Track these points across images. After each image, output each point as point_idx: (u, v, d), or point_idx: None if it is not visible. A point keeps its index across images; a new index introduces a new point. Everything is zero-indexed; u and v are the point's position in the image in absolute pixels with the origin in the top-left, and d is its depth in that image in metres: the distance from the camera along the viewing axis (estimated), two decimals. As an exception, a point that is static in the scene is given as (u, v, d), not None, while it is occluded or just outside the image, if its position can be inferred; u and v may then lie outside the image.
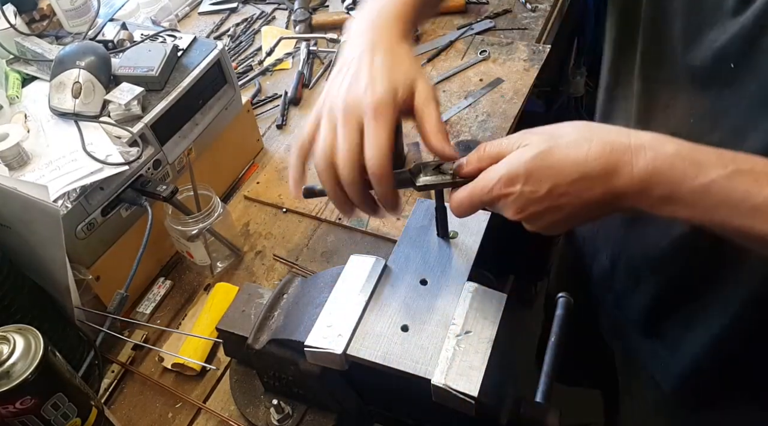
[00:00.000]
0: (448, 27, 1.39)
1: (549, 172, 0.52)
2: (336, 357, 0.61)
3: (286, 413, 0.75)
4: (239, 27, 1.48)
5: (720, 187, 0.48)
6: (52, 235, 0.72)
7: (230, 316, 0.75)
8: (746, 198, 0.47)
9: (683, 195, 0.49)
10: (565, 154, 0.52)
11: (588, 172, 0.51)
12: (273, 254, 1.00)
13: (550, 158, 0.52)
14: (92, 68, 0.89)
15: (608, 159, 0.51)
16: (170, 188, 0.87)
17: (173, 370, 0.87)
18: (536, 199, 0.53)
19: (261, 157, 1.17)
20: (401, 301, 0.65)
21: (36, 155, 0.85)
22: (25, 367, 0.61)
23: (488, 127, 1.14)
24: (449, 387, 0.57)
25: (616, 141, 0.51)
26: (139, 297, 0.96)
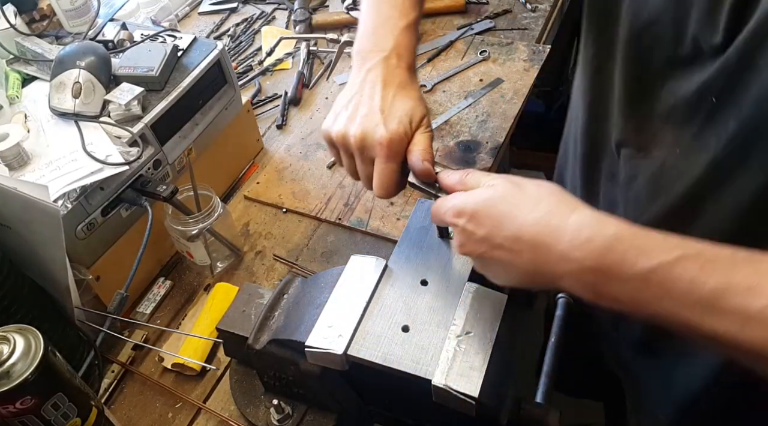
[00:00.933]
0: (448, 27, 1.39)
1: (489, 221, 0.53)
2: (336, 357, 0.61)
3: (286, 413, 0.75)
4: (239, 27, 1.48)
5: (662, 276, 0.44)
6: (53, 235, 0.72)
7: (230, 316, 0.75)
8: (691, 289, 0.43)
9: (622, 282, 0.46)
10: (509, 210, 0.53)
11: (520, 236, 0.51)
12: (273, 254, 1.00)
13: (495, 207, 0.53)
14: (92, 68, 0.89)
15: (542, 230, 0.50)
16: (170, 188, 0.87)
17: (173, 370, 0.87)
18: (475, 239, 0.55)
19: (261, 157, 1.17)
20: (402, 302, 0.65)
21: (36, 155, 0.85)
22: (25, 367, 0.61)
23: (488, 127, 1.14)
24: (450, 387, 0.57)
25: (556, 214, 0.50)
26: (139, 297, 0.96)
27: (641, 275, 0.45)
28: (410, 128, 0.64)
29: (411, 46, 0.70)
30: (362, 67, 0.68)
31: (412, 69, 0.70)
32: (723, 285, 0.42)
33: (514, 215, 0.52)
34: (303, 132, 1.20)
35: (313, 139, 1.18)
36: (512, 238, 0.51)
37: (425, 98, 1.21)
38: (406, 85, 0.67)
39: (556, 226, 0.49)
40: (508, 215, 0.52)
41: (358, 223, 1.02)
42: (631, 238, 0.47)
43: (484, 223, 0.53)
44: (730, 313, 0.42)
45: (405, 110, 0.64)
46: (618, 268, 0.46)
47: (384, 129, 0.63)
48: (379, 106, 0.64)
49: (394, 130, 0.63)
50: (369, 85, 0.67)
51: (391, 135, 0.62)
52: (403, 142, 0.63)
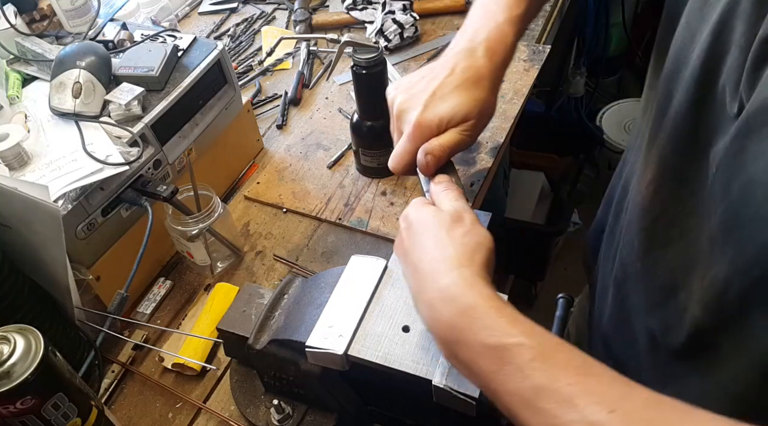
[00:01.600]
0: (448, 27, 1.39)
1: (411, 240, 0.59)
2: (337, 357, 0.61)
3: (287, 413, 0.75)
4: (239, 27, 1.48)
5: (499, 355, 0.47)
6: (53, 235, 0.72)
7: (230, 316, 0.75)
8: (516, 377, 0.45)
9: (468, 347, 0.49)
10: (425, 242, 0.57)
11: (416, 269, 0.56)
12: (273, 254, 1.00)
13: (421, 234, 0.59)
14: (92, 68, 0.89)
15: (426, 274, 0.55)
16: (170, 188, 0.87)
17: (173, 370, 0.87)
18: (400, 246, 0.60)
19: (261, 157, 1.17)
20: (402, 302, 0.65)
21: (36, 155, 0.85)
22: (25, 367, 0.61)
23: (488, 126, 1.14)
24: (450, 388, 0.57)
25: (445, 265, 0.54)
26: (139, 297, 0.96)
27: (481, 346, 0.48)
28: (445, 122, 0.64)
29: (506, 41, 0.69)
30: (451, 50, 0.70)
31: (500, 65, 0.68)
32: (545, 385, 0.43)
33: (423, 248, 0.57)
34: (303, 132, 1.20)
35: (314, 139, 1.18)
36: (413, 266, 0.57)
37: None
38: (478, 81, 0.66)
39: (437, 275, 0.54)
40: (422, 246, 0.57)
41: (358, 223, 1.02)
42: (485, 311, 0.49)
43: (410, 239, 0.58)
44: (542, 415, 0.43)
45: (453, 104, 0.65)
46: (466, 333, 0.49)
47: (419, 113, 0.64)
48: (433, 89, 0.65)
49: (426, 118, 0.64)
50: (444, 66, 0.67)
51: (420, 121, 0.64)
52: (431, 132, 0.64)
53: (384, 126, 1.03)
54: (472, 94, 0.65)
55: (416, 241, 0.57)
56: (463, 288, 0.51)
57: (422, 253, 0.56)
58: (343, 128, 1.19)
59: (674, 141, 0.56)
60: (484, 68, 0.66)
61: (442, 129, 0.64)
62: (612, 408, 0.41)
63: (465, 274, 0.53)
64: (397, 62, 1.32)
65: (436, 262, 0.54)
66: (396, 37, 1.33)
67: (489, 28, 0.68)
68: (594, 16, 2.16)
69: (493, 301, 0.50)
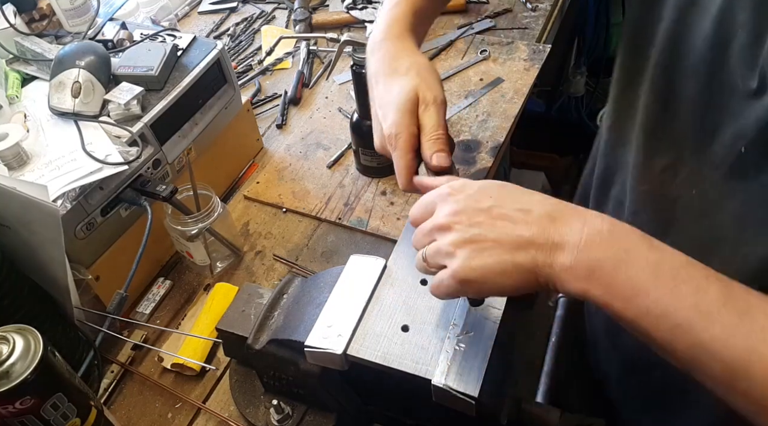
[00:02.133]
0: (449, 26, 1.39)
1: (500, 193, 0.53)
2: (336, 357, 0.61)
3: (286, 413, 0.75)
4: (239, 26, 1.48)
5: (670, 270, 0.46)
6: (52, 235, 0.72)
7: (230, 316, 0.75)
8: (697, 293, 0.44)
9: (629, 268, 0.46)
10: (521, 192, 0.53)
11: (532, 209, 0.51)
12: (273, 254, 1.00)
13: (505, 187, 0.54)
14: (92, 68, 0.89)
15: (560, 209, 0.51)
16: (170, 188, 0.87)
17: (173, 371, 0.87)
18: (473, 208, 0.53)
19: (261, 156, 1.17)
20: (401, 301, 0.65)
21: (35, 155, 0.85)
22: (24, 367, 0.61)
23: (488, 126, 1.14)
24: (450, 387, 0.57)
25: (568, 206, 0.51)
26: (138, 297, 0.96)
27: (651, 263, 0.46)
28: (408, 113, 0.63)
29: (401, 16, 0.69)
30: (368, 57, 0.71)
31: (399, 38, 0.68)
32: (724, 296, 0.44)
33: (526, 195, 0.53)
34: (303, 131, 1.20)
35: (313, 139, 1.18)
36: (524, 209, 0.51)
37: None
38: (395, 59, 0.67)
39: (571, 213, 0.50)
40: (520, 193, 0.53)
41: (358, 222, 1.02)
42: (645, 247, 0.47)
43: (492, 194, 0.52)
44: (721, 324, 0.43)
45: (393, 96, 0.64)
46: (630, 255, 0.47)
47: (384, 126, 0.64)
48: (378, 103, 0.66)
49: (389, 125, 0.64)
50: (372, 80, 0.69)
51: (389, 131, 0.64)
52: (404, 132, 0.63)
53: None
54: (398, 73, 0.66)
55: (509, 195, 0.53)
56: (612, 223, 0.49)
57: (533, 200, 0.51)
58: (343, 128, 1.19)
59: (689, 126, 0.57)
60: (390, 47, 0.67)
61: (412, 120, 0.63)
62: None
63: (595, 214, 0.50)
64: (397, 62, 1.31)
65: (560, 205, 0.51)
66: (396, 36, 1.33)
67: (385, 18, 0.71)
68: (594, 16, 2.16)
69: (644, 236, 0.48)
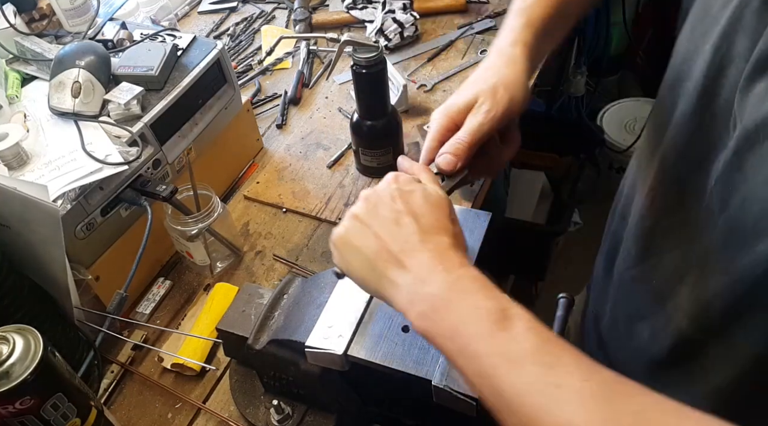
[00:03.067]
0: (449, 26, 1.39)
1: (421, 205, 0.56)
2: (336, 357, 0.61)
3: (286, 414, 0.75)
4: (239, 26, 1.48)
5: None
6: (52, 235, 0.72)
7: (230, 316, 0.75)
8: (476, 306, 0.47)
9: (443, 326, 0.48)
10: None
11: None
12: (273, 254, 1.00)
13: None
14: (92, 68, 0.89)
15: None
16: (170, 188, 0.87)
17: (173, 371, 0.87)
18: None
19: (261, 156, 1.17)
20: (402, 302, 0.65)
21: (35, 155, 0.85)
22: (24, 368, 0.61)
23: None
24: (450, 388, 0.57)
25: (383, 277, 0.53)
26: (138, 297, 0.96)
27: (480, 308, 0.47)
28: (460, 111, 0.64)
29: (516, 26, 0.68)
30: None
31: (528, 51, 0.67)
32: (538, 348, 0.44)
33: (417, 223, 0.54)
34: (303, 131, 1.20)
35: (313, 139, 1.18)
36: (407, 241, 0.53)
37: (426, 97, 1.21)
38: (508, 64, 0.65)
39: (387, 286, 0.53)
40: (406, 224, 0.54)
41: (358, 222, 1.02)
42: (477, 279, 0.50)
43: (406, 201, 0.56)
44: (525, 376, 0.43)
45: (467, 87, 0.65)
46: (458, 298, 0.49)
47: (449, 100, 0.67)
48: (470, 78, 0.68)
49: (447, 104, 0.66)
50: (489, 57, 0.69)
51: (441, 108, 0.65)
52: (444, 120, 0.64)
53: (384, 125, 1.03)
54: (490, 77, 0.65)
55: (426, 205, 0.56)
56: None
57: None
58: (343, 128, 1.19)
59: (675, 151, 0.56)
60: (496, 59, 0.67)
61: (461, 117, 0.63)
62: (586, 378, 0.41)
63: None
64: (397, 61, 1.32)
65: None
66: (396, 36, 1.33)
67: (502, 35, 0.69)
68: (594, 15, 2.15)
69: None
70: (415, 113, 1.20)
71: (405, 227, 0.53)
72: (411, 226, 0.53)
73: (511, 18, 0.69)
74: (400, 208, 0.54)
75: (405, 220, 0.54)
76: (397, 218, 0.54)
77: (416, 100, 1.22)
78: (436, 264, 0.50)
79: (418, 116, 1.19)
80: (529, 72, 0.65)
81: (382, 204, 0.56)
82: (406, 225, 0.53)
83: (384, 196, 0.56)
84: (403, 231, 0.53)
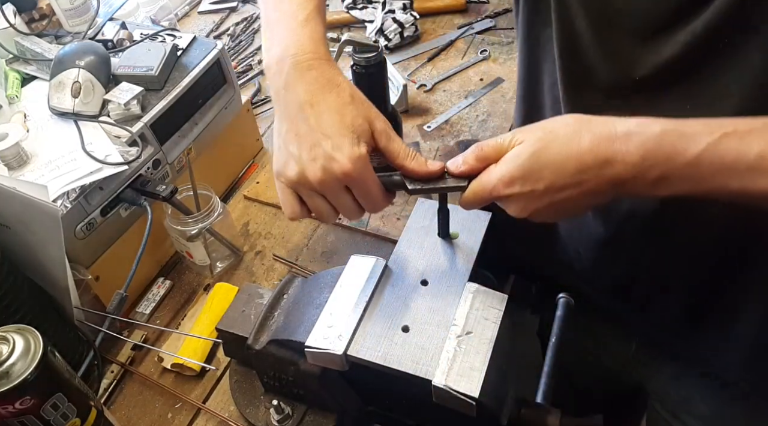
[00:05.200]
0: (449, 26, 1.39)
1: (546, 172, 0.53)
2: (336, 358, 0.61)
3: (286, 414, 0.75)
4: (239, 26, 1.48)
5: (712, 155, 0.49)
6: (52, 235, 0.72)
7: (230, 316, 0.75)
8: (739, 159, 0.48)
9: (678, 170, 0.50)
10: (558, 151, 0.53)
11: (582, 166, 0.52)
12: (273, 254, 1.00)
13: (544, 157, 0.53)
14: (92, 68, 0.89)
15: (599, 150, 0.52)
16: (170, 188, 0.87)
17: (173, 371, 0.87)
18: (536, 197, 0.55)
19: (261, 156, 1.17)
20: (402, 302, 0.65)
21: (35, 155, 0.85)
22: (24, 368, 0.61)
23: (488, 126, 1.14)
24: (450, 388, 0.57)
25: (603, 131, 0.52)
26: (138, 297, 0.96)
27: (693, 159, 0.49)
28: (364, 139, 0.58)
29: (317, 35, 0.62)
30: (277, 86, 0.61)
31: (329, 60, 0.61)
32: (764, 148, 0.47)
33: (565, 154, 0.53)
34: (303, 131, 1.20)
35: (313, 139, 1.18)
36: (574, 173, 0.52)
37: (426, 97, 1.21)
38: (332, 88, 0.59)
39: (610, 141, 0.51)
40: (560, 156, 0.53)
41: (358, 223, 1.02)
42: (676, 129, 0.50)
43: (540, 177, 0.54)
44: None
45: (345, 124, 0.57)
46: (672, 159, 0.50)
47: (341, 156, 0.56)
48: (319, 132, 0.57)
49: (349, 155, 0.56)
50: (294, 106, 0.59)
51: (352, 161, 0.56)
52: (365, 159, 0.57)
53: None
54: (340, 99, 0.58)
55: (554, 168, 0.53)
56: (641, 128, 0.51)
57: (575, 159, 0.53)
58: (342, 128, 1.19)
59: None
60: (321, 72, 0.59)
61: (369, 147, 0.58)
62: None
63: (624, 121, 0.52)
64: (397, 61, 1.32)
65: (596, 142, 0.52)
66: (396, 36, 1.33)
67: (296, 33, 0.61)
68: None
69: (669, 120, 0.51)
70: (415, 113, 1.20)
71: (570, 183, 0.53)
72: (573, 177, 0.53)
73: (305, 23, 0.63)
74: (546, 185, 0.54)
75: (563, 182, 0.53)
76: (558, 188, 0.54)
77: (416, 100, 1.22)
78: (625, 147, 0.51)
79: (418, 116, 1.19)
80: None
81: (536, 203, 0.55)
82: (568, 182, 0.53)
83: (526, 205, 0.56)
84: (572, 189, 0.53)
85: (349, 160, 0.56)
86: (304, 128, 0.58)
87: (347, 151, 0.56)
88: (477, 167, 0.58)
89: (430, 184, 0.61)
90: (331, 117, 0.57)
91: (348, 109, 0.58)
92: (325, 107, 0.58)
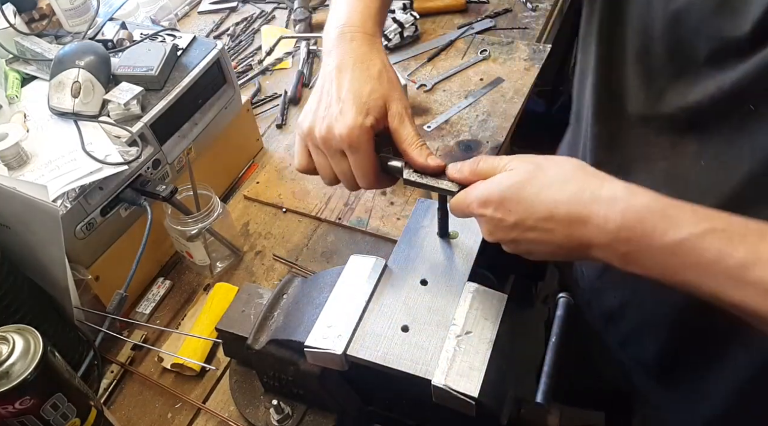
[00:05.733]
0: (449, 26, 1.39)
1: (519, 206, 0.53)
2: (336, 357, 0.61)
3: (286, 414, 0.75)
4: (239, 26, 1.48)
5: (690, 247, 0.45)
6: (52, 235, 0.72)
7: (230, 316, 0.75)
8: (718, 261, 0.44)
9: (650, 251, 0.47)
10: (537, 191, 0.52)
11: (551, 215, 0.51)
12: (273, 254, 1.00)
13: (523, 191, 0.53)
14: (92, 68, 0.89)
15: (576, 206, 0.50)
16: (169, 188, 0.87)
17: (173, 371, 0.87)
18: (504, 226, 0.54)
19: (261, 156, 1.17)
20: (401, 302, 0.65)
21: (35, 155, 0.85)
22: (24, 368, 0.61)
23: (489, 126, 1.14)
24: (449, 387, 0.57)
25: (588, 189, 0.50)
26: (138, 297, 0.96)
27: (671, 245, 0.46)
28: (373, 114, 0.60)
29: (369, 12, 0.67)
30: (325, 50, 0.67)
31: (373, 36, 0.66)
32: (750, 258, 0.43)
33: (543, 197, 0.52)
34: (303, 131, 1.20)
35: (313, 139, 1.18)
36: (545, 218, 0.51)
37: (426, 97, 1.21)
38: (364, 60, 0.63)
39: (590, 200, 0.50)
40: (537, 198, 0.52)
41: (358, 222, 1.02)
42: (662, 209, 0.47)
43: (513, 209, 0.53)
44: (754, 286, 0.43)
45: (361, 95, 0.60)
46: (649, 238, 0.47)
47: (343, 120, 0.60)
48: (336, 96, 0.61)
49: (350, 122, 0.59)
50: (328, 69, 0.64)
51: (349, 128, 0.59)
52: (365, 131, 0.60)
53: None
54: (367, 74, 0.62)
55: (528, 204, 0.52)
56: (627, 197, 0.49)
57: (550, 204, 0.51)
58: (342, 128, 1.19)
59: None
60: (360, 46, 0.64)
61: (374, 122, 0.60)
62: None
63: (615, 185, 0.50)
64: (397, 61, 1.32)
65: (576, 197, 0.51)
66: (396, 36, 1.33)
67: (350, 7, 0.68)
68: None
69: (660, 196, 0.48)
70: (415, 113, 1.20)
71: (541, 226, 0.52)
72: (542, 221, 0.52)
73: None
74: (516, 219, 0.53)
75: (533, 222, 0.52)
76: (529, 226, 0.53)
77: (416, 100, 1.22)
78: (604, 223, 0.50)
79: (418, 116, 1.19)
80: None
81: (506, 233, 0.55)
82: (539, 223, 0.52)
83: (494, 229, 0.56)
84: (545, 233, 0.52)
85: (348, 126, 0.59)
86: (328, 89, 0.63)
87: (350, 118, 0.59)
88: (469, 180, 0.58)
89: (425, 180, 0.62)
90: (352, 85, 0.61)
91: (370, 83, 0.62)
92: (351, 76, 0.62)
